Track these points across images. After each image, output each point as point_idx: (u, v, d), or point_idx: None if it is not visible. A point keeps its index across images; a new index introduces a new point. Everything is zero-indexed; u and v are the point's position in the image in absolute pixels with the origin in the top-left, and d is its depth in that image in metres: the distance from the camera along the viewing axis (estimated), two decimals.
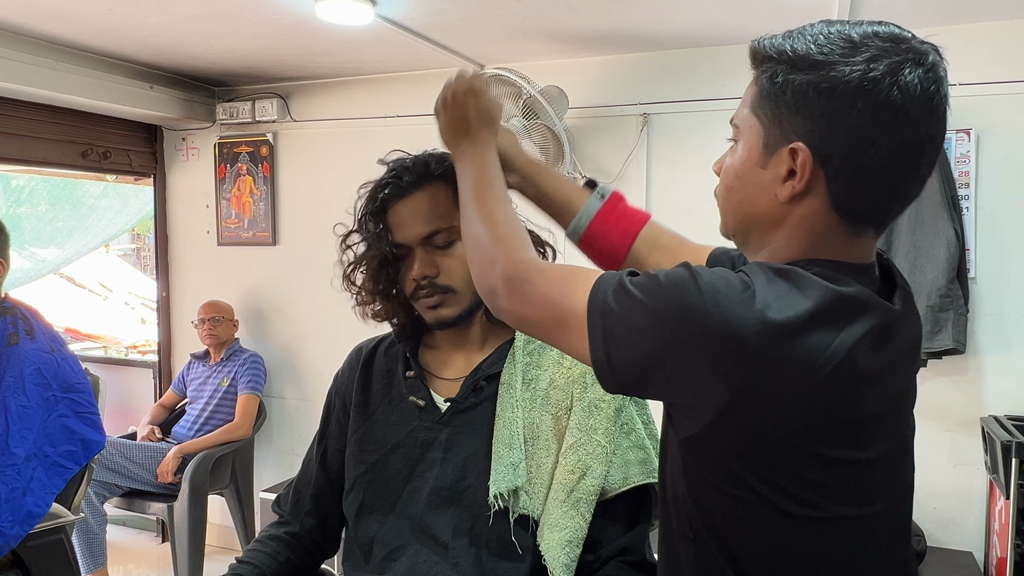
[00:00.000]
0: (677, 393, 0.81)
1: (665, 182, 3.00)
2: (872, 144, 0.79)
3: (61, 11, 2.58)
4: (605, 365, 0.81)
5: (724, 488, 0.81)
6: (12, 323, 2.15)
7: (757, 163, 0.85)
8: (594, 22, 2.65)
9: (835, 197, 0.82)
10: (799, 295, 0.77)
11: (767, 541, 0.82)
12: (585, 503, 1.12)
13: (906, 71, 0.83)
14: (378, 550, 1.19)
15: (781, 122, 0.83)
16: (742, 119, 0.88)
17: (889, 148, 0.80)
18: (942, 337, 2.50)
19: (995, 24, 2.57)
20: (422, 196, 1.17)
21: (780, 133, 0.83)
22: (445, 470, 1.17)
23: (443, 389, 1.24)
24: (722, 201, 0.93)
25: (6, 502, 1.99)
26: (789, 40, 0.86)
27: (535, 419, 1.17)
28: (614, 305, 0.81)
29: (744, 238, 0.92)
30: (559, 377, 1.20)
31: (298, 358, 3.71)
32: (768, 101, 0.84)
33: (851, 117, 0.79)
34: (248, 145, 3.72)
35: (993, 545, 2.46)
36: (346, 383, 1.34)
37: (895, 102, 0.80)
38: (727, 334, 0.75)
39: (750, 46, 0.90)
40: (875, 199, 0.83)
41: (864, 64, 0.80)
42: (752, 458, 0.79)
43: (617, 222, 1.20)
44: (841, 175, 0.81)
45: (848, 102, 0.79)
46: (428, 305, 1.18)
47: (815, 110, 0.80)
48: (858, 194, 0.82)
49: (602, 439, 1.14)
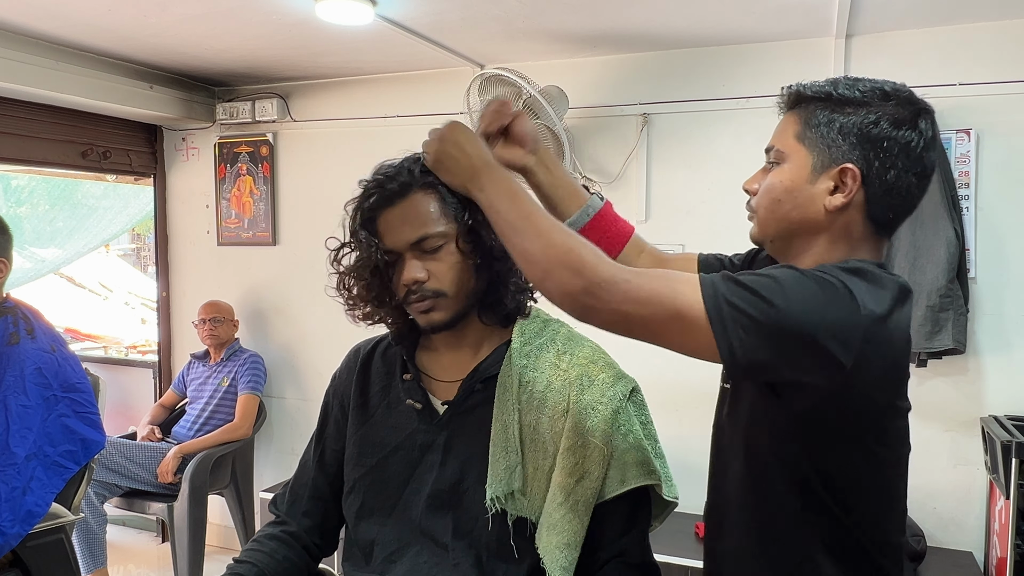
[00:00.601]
0: (797, 375, 0.98)
1: (665, 182, 3.00)
2: (902, 170, 1.04)
3: (61, 11, 2.58)
4: (732, 355, 0.94)
5: (837, 446, 1.03)
6: (13, 323, 2.15)
7: (807, 180, 1.07)
8: (594, 22, 2.65)
9: (871, 209, 1.05)
10: (879, 288, 0.99)
11: (864, 481, 1.05)
12: (583, 505, 1.12)
13: (921, 120, 1.05)
14: (379, 551, 1.20)
15: (830, 148, 1.05)
16: (787, 146, 1.09)
17: (913, 173, 1.05)
18: (942, 337, 2.50)
19: (995, 24, 2.57)
20: (408, 203, 1.17)
21: (829, 157, 1.05)
22: (444, 473, 1.18)
23: (441, 392, 1.24)
24: (767, 212, 1.11)
25: (6, 501, 1.99)
26: (832, 87, 1.08)
27: (532, 421, 1.17)
28: (737, 301, 0.94)
29: (786, 243, 1.11)
30: (556, 379, 1.20)
31: (298, 358, 3.71)
32: (816, 132, 1.06)
33: (887, 147, 1.03)
34: (248, 145, 3.72)
35: (993, 545, 2.46)
36: (344, 384, 1.34)
37: (916, 141, 1.04)
38: (846, 327, 0.94)
39: (792, 91, 1.12)
40: (898, 212, 1.07)
41: (895, 109, 1.04)
42: (859, 417, 1.02)
43: (615, 222, 1.31)
44: (878, 192, 1.04)
45: (886, 136, 1.03)
46: (420, 309, 1.19)
47: (862, 140, 1.04)
48: (888, 208, 1.06)
49: (599, 441, 1.14)
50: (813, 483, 1.04)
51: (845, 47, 2.72)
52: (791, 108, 1.12)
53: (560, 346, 1.23)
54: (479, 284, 1.20)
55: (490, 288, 1.21)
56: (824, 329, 0.93)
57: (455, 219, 1.17)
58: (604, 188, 3.05)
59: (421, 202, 1.17)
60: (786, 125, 1.11)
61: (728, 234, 2.91)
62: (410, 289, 1.17)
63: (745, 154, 2.86)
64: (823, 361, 0.94)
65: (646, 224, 3.02)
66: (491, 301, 1.22)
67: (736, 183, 3.15)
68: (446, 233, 1.16)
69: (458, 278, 1.17)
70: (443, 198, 1.17)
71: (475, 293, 1.20)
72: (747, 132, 2.85)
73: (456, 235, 1.17)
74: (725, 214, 2.89)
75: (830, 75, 2.71)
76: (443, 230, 1.16)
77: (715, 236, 2.92)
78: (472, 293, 1.20)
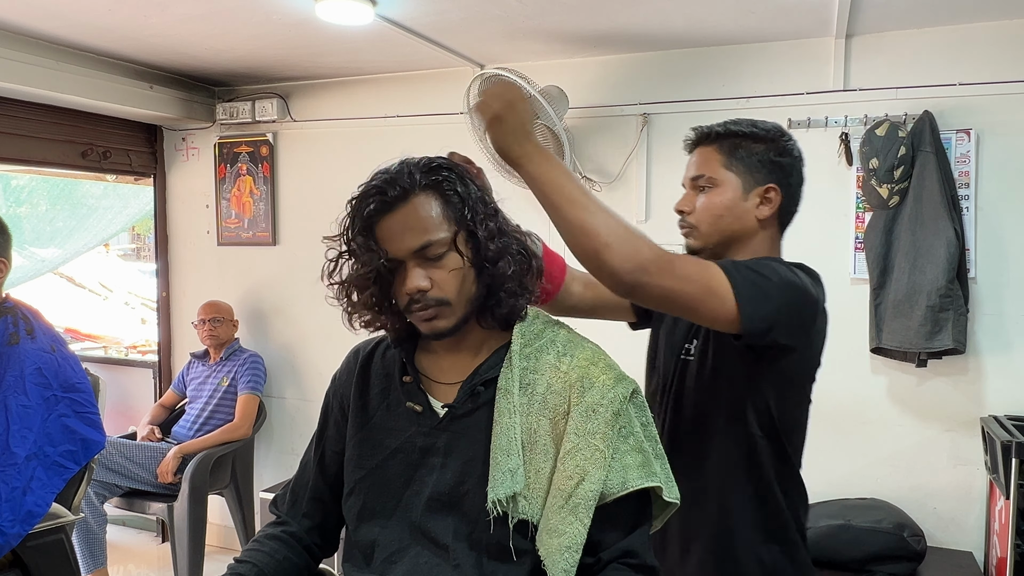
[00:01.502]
0: (784, 336, 1.27)
1: (665, 182, 3.00)
2: (796, 184, 1.45)
3: (61, 11, 2.58)
4: (751, 320, 1.22)
5: (793, 397, 1.41)
6: (13, 323, 2.15)
7: (741, 198, 1.41)
8: (594, 22, 2.65)
9: (782, 216, 1.45)
10: (811, 276, 1.36)
11: (802, 424, 1.45)
12: (583, 508, 1.12)
13: (796, 147, 1.45)
14: (379, 553, 1.19)
15: (753, 173, 1.41)
16: (718, 174, 1.42)
17: (800, 186, 1.46)
18: (942, 337, 2.50)
19: (995, 24, 2.57)
20: (410, 208, 1.15)
21: (753, 180, 1.41)
22: (444, 476, 1.17)
23: (440, 394, 1.24)
24: (710, 226, 1.42)
25: (6, 501, 1.99)
26: (742, 126, 1.44)
27: (533, 424, 1.17)
28: (753, 277, 1.24)
29: (725, 248, 1.42)
30: (556, 381, 1.19)
31: (298, 358, 3.71)
32: (740, 161, 1.41)
33: (791, 168, 1.43)
34: (248, 145, 3.72)
35: (993, 545, 2.46)
36: (344, 386, 1.33)
37: (800, 162, 1.46)
38: (814, 301, 1.32)
39: (703, 132, 1.48)
40: (793, 215, 1.48)
41: (786, 142, 1.44)
42: (808, 371, 1.40)
43: (553, 255, 1.54)
44: (787, 203, 1.44)
45: (789, 160, 1.43)
46: (423, 318, 1.17)
47: (774, 166, 1.41)
48: (790, 213, 1.47)
49: (600, 443, 1.14)
50: (775, 424, 1.38)
51: (845, 47, 2.72)
52: (703, 144, 1.46)
53: (560, 348, 1.23)
54: (479, 289, 1.19)
55: (489, 292, 1.20)
56: (802, 299, 1.29)
57: (456, 221, 1.16)
58: (604, 188, 3.05)
59: (423, 206, 1.16)
60: (708, 157, 1.44)
61: None
62: (412, 298, 1.16)
63: None
64: (803, 325, 1.31)
65: (646, 224, 3.02)
66: (490, 305, 1.22)
67: None
68: (448, 239, 1.15)
69: (460, 285, 1.17)
70: (446, 199, 1.16)
71: (476, 298, 1.20)
72: None
73: (457, 239, 1.16)
74: None
75: (830, 75, 2.74)
76: (445, 236, 1.15)
77: None
78: (473, 299, 1.19)
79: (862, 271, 2.71)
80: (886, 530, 2.40)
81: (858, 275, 2.73)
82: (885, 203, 2.63)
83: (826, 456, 2.76)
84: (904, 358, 2.63)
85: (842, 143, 2.73)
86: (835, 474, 2.76)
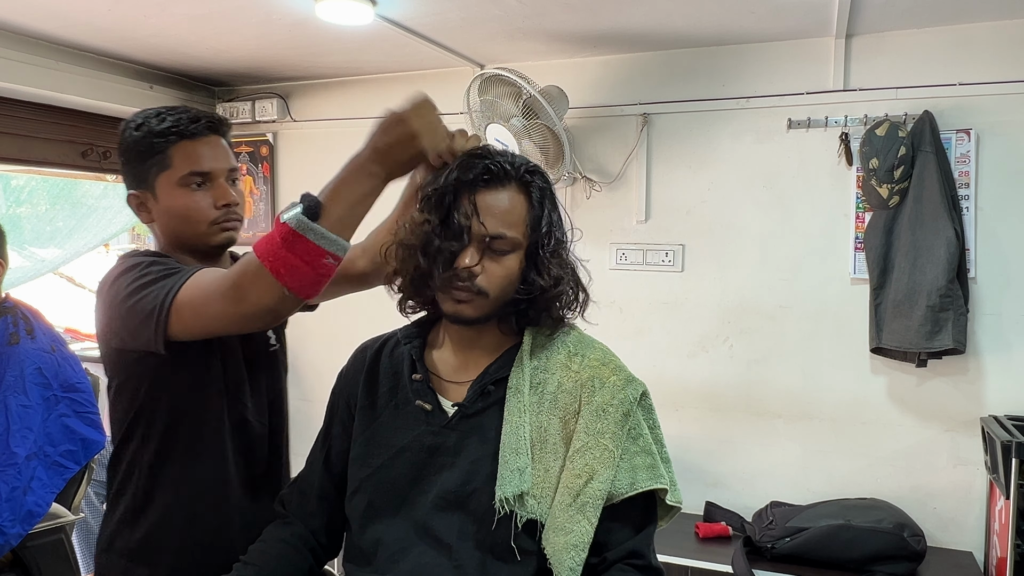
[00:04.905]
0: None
1: (665, 182, 3.00)
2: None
3: (61, 11, 2.57)
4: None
5: None
6: (13, 323, 2.15)
7: None
8: (594, 22, 2.65)
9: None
10: None
11: None
12: (591, 507, 1.12)
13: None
14: (382, 552, 1.19)
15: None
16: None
17: None
18: (942, 337, 2.49)
19: (995, 24, 2.57)
20: (504, 193, 1.17)
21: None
22: (452, 475, 1.17)
23: (450, 393, 1.24)
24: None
25: (6, 501, 1.99)
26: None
27: (543, 423, 1.17)
28: None
29: None
30: (567, 381, 1.19)
31: (298, 358, 3.70)
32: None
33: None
34: (248, 145, 3.72)
35: (993, 545, 2.46)
36: (351, 384, 1.33)
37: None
38: None
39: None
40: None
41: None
42: None
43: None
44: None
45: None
46: (457, 298, 1.17)
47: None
48: None
49: (609, 443, 1.14)
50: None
51: (845, 47, 2.72)
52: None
53: (571, 348, 1.23)
54: (518, 296, 1.20)
55: (530, 304, 1.21)
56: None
57: (532, 229, 1.18)
58: (604, 188, 3.05)
59: (514, 198, 1.17)
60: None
61: (727, 234, 2.92)
62: (458, 274, 1.15)
63: (745, 154, 2.86)
64: None
65: (646, 224, 3.02)
66: (521, 311, 1.22)
67: (736, 183, 3.16)
68: (518, 241, 1.17)
69: (505, 286, 1.17)
70: (532, 203, 1.18)
71: (510, 303, 1.20)
72: (747, 132, 2.85)
73: (524, 247, 1.18)
74: (725, 214, 2.89)
75: (830, 75, 2.74)
76: (518, 237, 1.16)
77: (715, 236, 2.92)
78: (508, 303, 1.20)
79: (862, 271, 2.71)
80: (886, 530, 2.40)
81: (858, 275, 2.73)
82: (885, 203, 2.63)
83: (826, 456, 2.77)
84: (904, 358, 2.63)
85: (842, 143, 2.73)
86: (835, 474, 2.76)
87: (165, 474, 1.39)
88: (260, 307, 1.15)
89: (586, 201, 3.08)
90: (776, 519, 2.56)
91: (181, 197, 1.41)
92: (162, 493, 1.39)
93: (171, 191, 1.41)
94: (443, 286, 1.17)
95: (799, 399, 2.82)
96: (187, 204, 1.41)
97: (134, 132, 1.44)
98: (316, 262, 1.12)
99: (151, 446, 1.38)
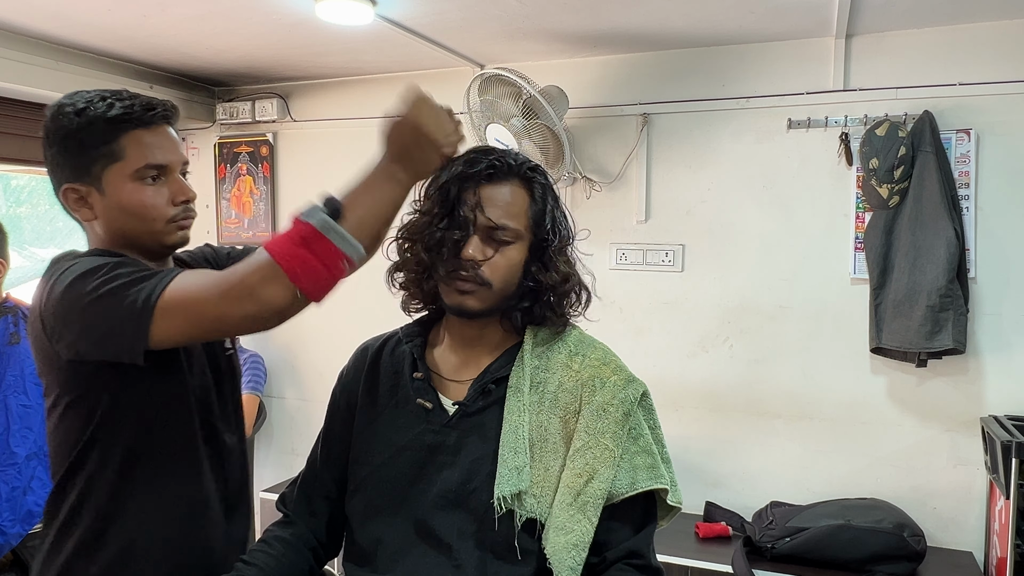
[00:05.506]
0: None
1: (665, 182, 3.00)
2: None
3: (61, 11, 2.57)
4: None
5: None
6: (13, 322, 2.15)
7: None
8: (594, 22, 2.65)
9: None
10: None
11: None
12: (592, 507, 1.12)
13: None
14: (382, 551, 1.19)
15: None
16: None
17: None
18: (942, 337, 2.49)
19: (995, 24, 2.57)
20: (506, 188, 1.19)
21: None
22: (452, 473, 1.17)
23: (451, 391, 1.24)
24: None
25: (7, 501, 1.99)
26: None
27: (543, 422, 1.17)
28: None
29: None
30: (568, 380, 1.19)
31: (298, 358, 3.71)
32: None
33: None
34: (248, 145, 3.72)
35: (993, 545, 2.46)
36: (352, 383, 1.33)
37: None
38: None
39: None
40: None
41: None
42: None
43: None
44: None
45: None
46: (460, 289, 1.18)
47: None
48: None
49: (610, 443, 1.14)
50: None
51: (845, 47, 2.72)
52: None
53: (572, 347, 1.23)
54: (520, 290, 1.21)
55: (533, 298, 1.22)
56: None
57: (534, 222, 1.20)
58: (604, 188, 3.06)
59: (516, 192, 1.19)
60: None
61: (727, 234, 2.92)
62: (462, 265, 1.16)
63: (745, 154, 2.86)
64: None
65: (646, 224, 3.02)
66: (522, 308, 1.22)
67: (736, 183, 3.16)
68: (520, 232, 1.18)
69: (508, 277, 1.18)
70: (534, 198, 1.20)
71: (512, 297, 1.21)
72: (747, 132, 2.85)
73: (527, 239, 1.19)
74: (725, 214, 2.89)
75: (830, 75, 2.74)
76: (520, 228, 1.18)
77: (715, 236, 2.92)
78: (510, 296, 1.21)
79: (862, 271, 2.71)
80: (886, 530, 2.40)
81: (858, 275, 2.73)
82: (885, 203, 2.63)
83: (826, 456, 2.77)
84: (904, 358, 2.63)
85: (842, 143, 2.73)
86: (835, 474, 2.76)
87: (130, 497, 1.26)
88: (270, 308, 1.09)
89: (586, 201, 3.08)
90: (776, 519, 2.56)
91: (135, 192, 1.27)
92: (125, 520, 1.25)
93: (122, 185, 1.26)
94: (447, 277, 1.18)
95: (799, 399, 2.82)
96: (142, 200, 1.27)
97: (74, 117, 1.25)
98: (333, 264, 1.10)
99: (111, 467, 1.25)
